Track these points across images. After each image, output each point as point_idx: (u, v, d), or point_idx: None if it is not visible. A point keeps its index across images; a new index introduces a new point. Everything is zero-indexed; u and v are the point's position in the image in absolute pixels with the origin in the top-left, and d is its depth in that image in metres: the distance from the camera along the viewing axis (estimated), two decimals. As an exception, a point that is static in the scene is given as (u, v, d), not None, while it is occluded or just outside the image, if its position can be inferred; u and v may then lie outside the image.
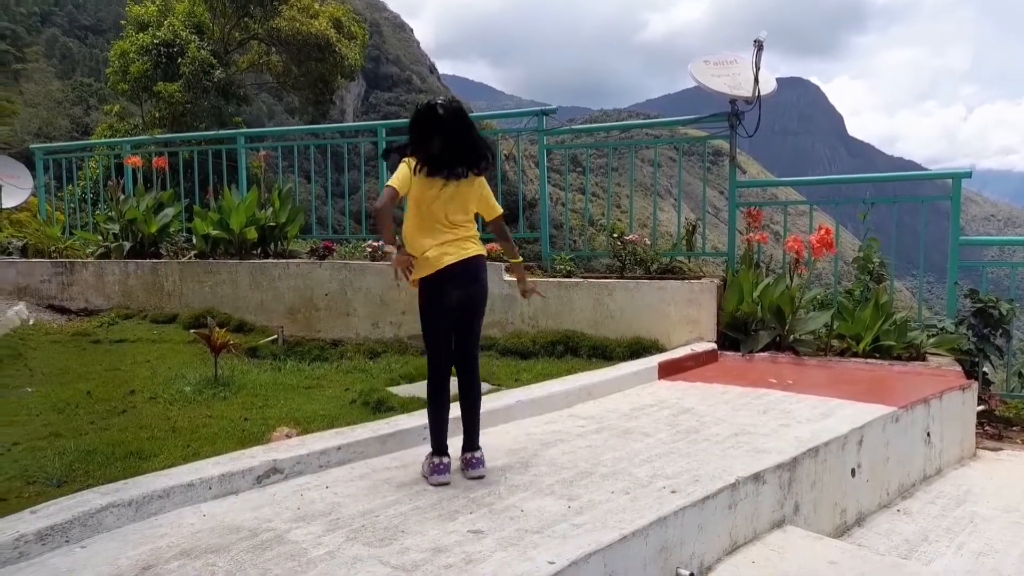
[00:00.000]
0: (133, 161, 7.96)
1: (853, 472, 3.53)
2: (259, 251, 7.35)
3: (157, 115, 15.97)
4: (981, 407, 4.74)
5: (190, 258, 7.32)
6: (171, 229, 7.76)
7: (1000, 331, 5.24)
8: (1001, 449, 4.59)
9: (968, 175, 5.35)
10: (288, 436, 3.41)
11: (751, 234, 5.62)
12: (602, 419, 3.70)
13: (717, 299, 5.30)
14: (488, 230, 3.27)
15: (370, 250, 6.65)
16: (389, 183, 2.88)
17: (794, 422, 3.64)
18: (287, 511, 2.51)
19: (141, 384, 4.61)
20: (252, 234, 7.14)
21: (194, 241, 7.40)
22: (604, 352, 5.28)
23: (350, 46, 17.80)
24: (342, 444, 3.00)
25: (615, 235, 5.97)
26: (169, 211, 7.78)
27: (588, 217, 7.49)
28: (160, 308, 7.07)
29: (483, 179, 3.04)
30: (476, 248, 3.04)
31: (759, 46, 5.47)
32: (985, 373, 5.27)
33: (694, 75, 5.82)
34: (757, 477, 2.89)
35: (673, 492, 2.66)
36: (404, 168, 2.92)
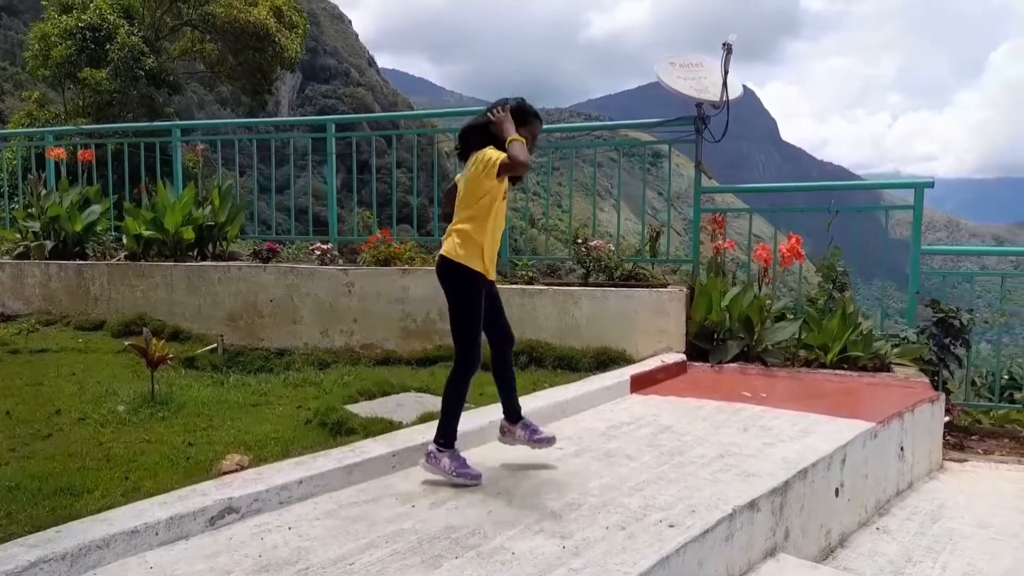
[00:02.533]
0: (56, 153, 7.37)
1: (837, 492, 3.42)
2: (196, 253, 6.88)
3: (81, 103, 15.06)
4: (947, 419, 4.75)
5: (120, 260, 6.79)
6: (98, 228, 7.21)
7: (960, 340, 5.28)
8: (966, 460, 4.60)
9: (930, 185, 5.38)
10: (240, 465, 3.07)
11: (718, 241, 5.52)
12: (580, 440, 3.49)
13: (686, 308, 5.17)
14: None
15: (318, 253, 6.28)
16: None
17: (777, 441, 3.52)
18: (247, 560, 2.20)
19: (67, 402, 4.16)
20: (189, 234, 6.68)
21: (124, 241, 6.87)
22: (570, 363, 5.08)
23: (290, 36, 17.19)
24: (304, 477, 2.69)
25: (579, 240, 5.78)
26: (96, 208, 7.21)
27: (546, 218, 7.31)
28: (86, 314, 6.53)
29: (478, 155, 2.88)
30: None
31: (728, 49, 5.37)
32: (945, 383, 5.30)
33: (660, 77, 5.68)
34: (752, 505, 2.73)
35: (671, 526, 2.47)
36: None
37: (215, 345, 5.96)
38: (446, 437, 2.91)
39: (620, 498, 2.74)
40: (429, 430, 3.30)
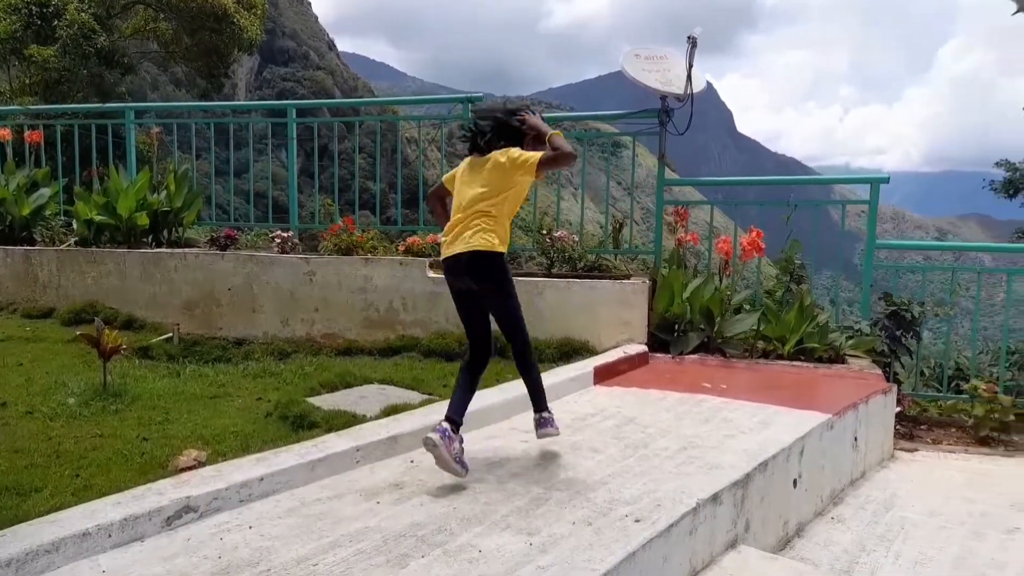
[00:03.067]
0: (1, 134, 7.06)
1: (795, 483, 3.49)
2: (151, 239, 6.69)
3: (28, 81, 14.46)
4: (898, 409, 4.88)
5: (70, 245, 6.56)
6: (47, 212, 6.96)
7: (911, 332, 5.43)
8: (916, 450, 4.74)
9: (886, 180, 5.50)
10: (197, 461, 3.00)
11: (680, 234, 5.57)
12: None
13: (648, 299, 5.21)
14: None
15: (278, 240, 6.16)
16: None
17: (738, 432, 3.57)
18: (206, 561, 2.15)
19: (14, 394, 4.01)
20: (143, 220, 6.48)
21: (75, 227, 6.64)
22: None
23: (249, 17, 16.74)
24: (265, 474, 2.64)
25: (544, 231, 5.77)
26: (44, 192, 6.96)
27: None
28: (34, 301, 6.31)
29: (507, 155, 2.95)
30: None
31: (693, 43, 5.39)
32: (896, 374, 5.45)
33: (625, 69, 5.68)
34: (715, 498, 2.77)
35: (637, 521, 2.48)
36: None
37: (171, 334, 5.81)
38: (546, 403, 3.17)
39: (586, 492, 2.74)
40: (395, 424, 3.28)
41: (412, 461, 3.05)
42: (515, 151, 2.94)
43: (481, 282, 3.01)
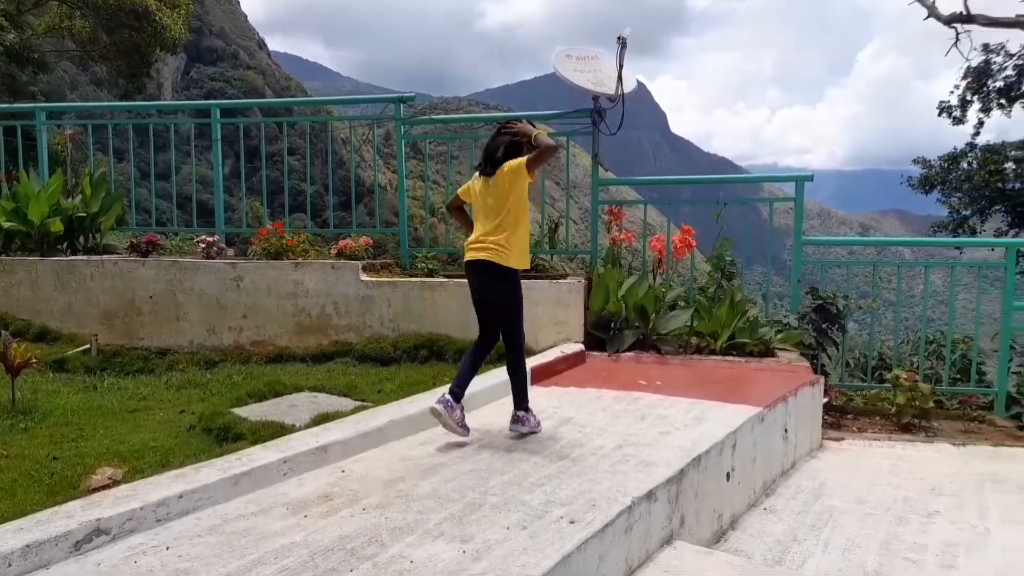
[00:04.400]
0: None
1: (728, 476, 3.54)
2: (66, 246, 6.36)
3: (-71, 80, 13.60)
4: (825, 399, 5.02)
5: (-25, 254, 6.17)
6: (-51, 219, 6.51)
7: (836, 325, 5.60)
8: (843, 439, 4.88)
9: (810, 178, 5.65)
10: (112, 480, 2.84)
11: (615, 233, 5.60)
12: (482, 436, 3.44)
13: (584, 299, 5.22)
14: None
15: (203, 245, 5.93)
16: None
17: (673, 429, 3.59)
18: (118, 587, 2.02)
19: (-91, 416, 3.74)
20: (57, 226, 6.16)
21: (-19, 234, 6.25)
22: (470, 356, 5.02)
23: (172, 16, 16.13)
24: (184, 491, 2.50)
25: (478, 232, 5.72)
26: (-53, 197, 6.52)
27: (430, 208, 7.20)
28: (-64, 314, 5.90)
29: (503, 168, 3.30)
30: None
31: (623, 43, 5.43)
32: (823, 365, 5.61)
33: (557, 69, 5.69)
34: (650, 495, 2.77)
35: (572, 522, 2.45)
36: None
37: (88, 345, 5.53)
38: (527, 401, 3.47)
39: (522, 495, 2.71)
40: (324, 433, 3.17)
41: (343, 471, 2.95)
42: (509, 163, 3.29)
43: (494, 286, 3.35)
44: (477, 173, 3.47)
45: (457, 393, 3.30)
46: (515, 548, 2.26)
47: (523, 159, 3.27)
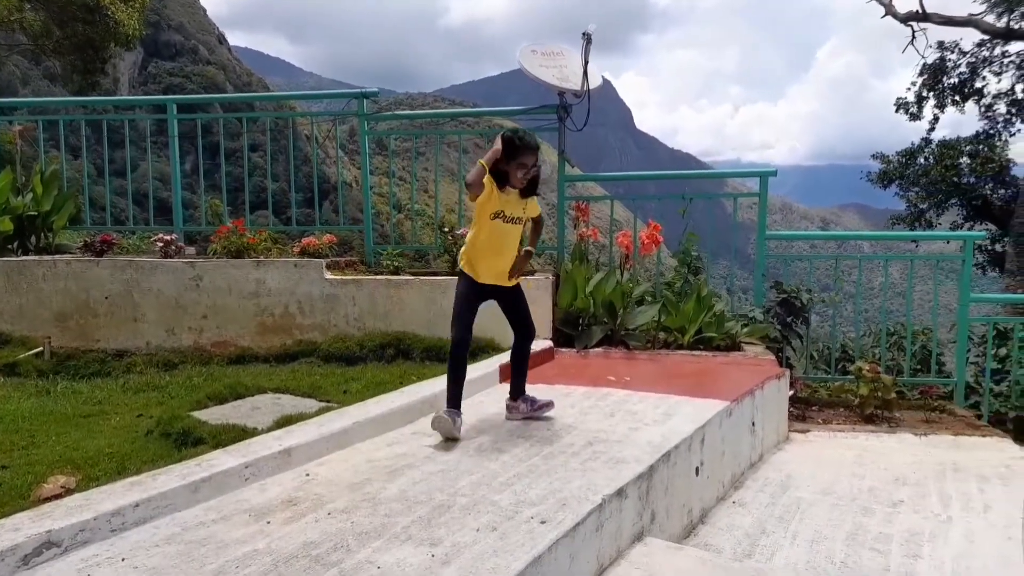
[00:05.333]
0: None
1: (697, 471, 3.54)
2: (16, 246, 6.13)
3: None
4: (791, 392, 5.07)
5: (-81, 255, 5.92)
6: None
7: (801, 319, 5.66)
8: (809, 431, 4.93)
9: (773, 174, 5.70)
10: (65, 488, 2.72)
11: (583, 229, 5.59)
12: (449, 436, 3.39)
13: (552, 295, 5.19)
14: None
15: (161, 244, 5.77)
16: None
17: (642, 424, 3.59)
18: (69, 603, 1.93)
19: None
20: (6, 226, 5.95)
21: (-75, 234, 6.00)
22: (439, 354, 4.96)
23: (127, 10, 15.70)
24: (140, 499, 2.41)
25: (445, 229, 5.66)
26: None
27: (413, 204, 7.12)
28: None
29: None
30: None
31: (588, 39, 5.41)
32: (788, 358, 5.67)
33: (523, 64, 5.65)
34: (620, 492, 2.75)
35: (543, 523, 2.42)
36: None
37: (41, 348, 5.35)
38: (449, 401, 3.40)
39: (491, 495, 2.66)
40: (288, 436, 3.10)
41: (307, 474, 2.88)
42: None
43: None
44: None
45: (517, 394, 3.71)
46: (485, 550, 2.21)
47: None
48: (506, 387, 4.34)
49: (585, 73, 5.53)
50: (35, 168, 6.44)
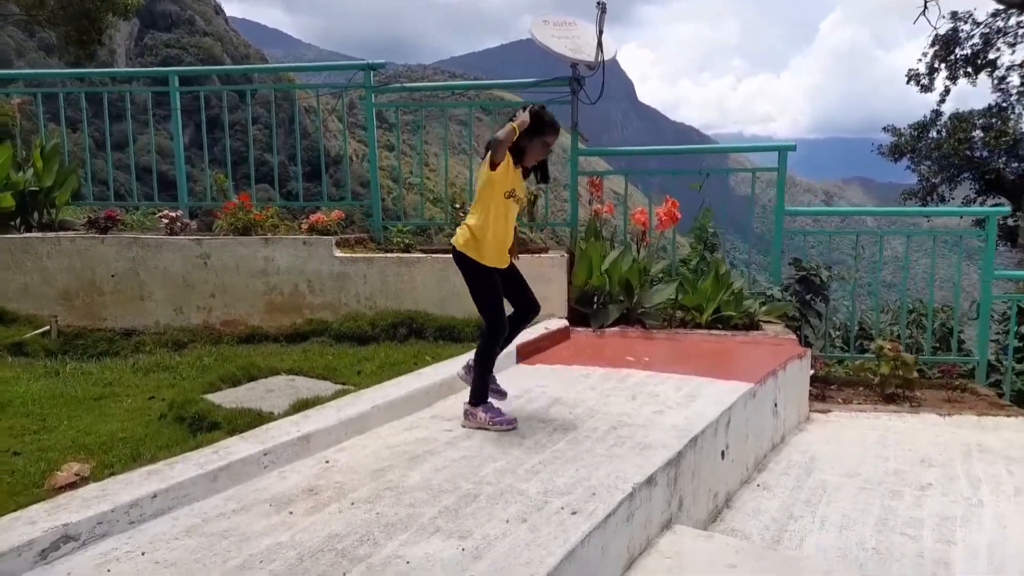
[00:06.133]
0: None
1: (723, 454, 3.46)
2: (19, 223, 6.02)
3: None
4: (811, 372, 4.98)
5: (-80, 232, 5.81)
6: None
7: (820, 296, 5.55)
8: (830, 411, 4.85)
9: (792, 148, 5.56)
10: (79, 476, 2.65)
11: (596, 205, 5.46)
12: (470, 419, 3.30)
13: (567, 273, 5.08)
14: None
15: (166, 221, 5.65)
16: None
17: (666, 408, 3.50)
18: (89, 600, 1.85)
19: None
20: (8, 201, 5.82)
21: (-75, 211, 5.88)
22: (452, 333, 4.88)
23: (123, -22, 15.39)
24: (158, 490, 2.33)
25: (456, 205, 5.54)
26: None
27: (419, 179, 6.98)
28: None
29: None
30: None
31: (602, 8, 5.24)
32: (806, 336, 5.58)
33: (535, 35, 5.48)
34: (650, 480, 2.67)
35: (574, 513, 2.34)
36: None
37: (48, 327, 5.26)
38: (479, 396, 3.22)
39: (518, 484, 2.58)
40: (306, 421, 3.01)
41: (327, 461, 2.79)
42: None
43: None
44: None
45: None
46: (517, 543, 2.14)
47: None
48: (525, 368, 4.27)
49: (599, 43, 5.36)
50: (35, 143, 6.29)
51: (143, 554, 2.09)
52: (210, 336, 5.22)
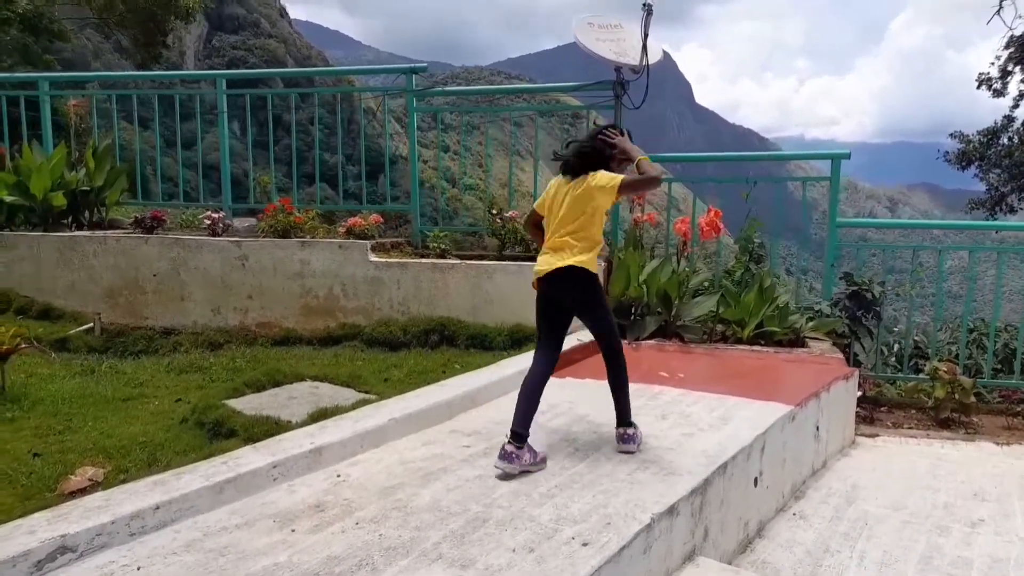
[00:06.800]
0: None
1: (756, 481, 3.28)
2: (70, 221, 6.19)
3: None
4: (859, 393, 4.72)
5: (-23, 229, 6.02)
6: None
7: (872, 313, 5.27)
8: (877, 435, 4.59)
9: (847, 155, 5.29)
10: (92, 481, 2.65)
11: (637, 213, 5.30)
12: (490, 435, 3.21)
13: (604, 283, 4.94)
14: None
15: (208, 222, 5.72)
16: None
17: (697, 430, 3.34)
18: (78, 617, 1.82)
19: None
20: (60, 200, 5.98)
21: (-17, 209, 6.09)
22: (483, 341, 4.80)
23: (186, -17, 15.83)
24: (161, 501, 2.30)
25: (494, 211, 5.45)
26: (-52, 170, 6.35)
27: (469, 178, 6.93)
28: (-63, 291, 5.77)
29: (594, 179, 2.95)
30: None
31: (648, 10, 5.07)
32: (856, 355, 5.30)
33: (578, 38, 5.35)
34: (671, 510, 2.52)
35: (584, 544, 2.22)
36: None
37: (91, 324, 5.38)
38: (629, 414, 3.13)
39: (530, 508, 2.47)
40: (321, 433, 2.96)
41: (338, 475, 2.73)
42: (600, 176, 2.93)
43: (573, 294, 3.06)
44: (557, 178, 3.10)
45: (520, 434, 2.78)
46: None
47: (619, 179, 2.89)
48: (554, 381, 4.12)
49: (644, 47, 5.20)
50: (89, 143, 6.46)
51: (139, 569, 2.05)
52: (245, 337, 5.25)
